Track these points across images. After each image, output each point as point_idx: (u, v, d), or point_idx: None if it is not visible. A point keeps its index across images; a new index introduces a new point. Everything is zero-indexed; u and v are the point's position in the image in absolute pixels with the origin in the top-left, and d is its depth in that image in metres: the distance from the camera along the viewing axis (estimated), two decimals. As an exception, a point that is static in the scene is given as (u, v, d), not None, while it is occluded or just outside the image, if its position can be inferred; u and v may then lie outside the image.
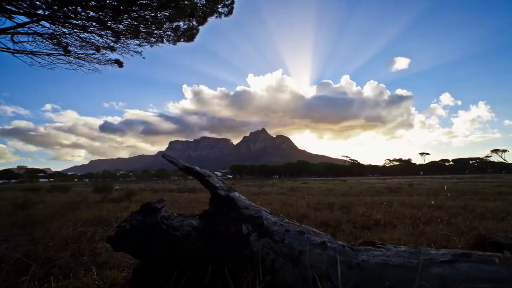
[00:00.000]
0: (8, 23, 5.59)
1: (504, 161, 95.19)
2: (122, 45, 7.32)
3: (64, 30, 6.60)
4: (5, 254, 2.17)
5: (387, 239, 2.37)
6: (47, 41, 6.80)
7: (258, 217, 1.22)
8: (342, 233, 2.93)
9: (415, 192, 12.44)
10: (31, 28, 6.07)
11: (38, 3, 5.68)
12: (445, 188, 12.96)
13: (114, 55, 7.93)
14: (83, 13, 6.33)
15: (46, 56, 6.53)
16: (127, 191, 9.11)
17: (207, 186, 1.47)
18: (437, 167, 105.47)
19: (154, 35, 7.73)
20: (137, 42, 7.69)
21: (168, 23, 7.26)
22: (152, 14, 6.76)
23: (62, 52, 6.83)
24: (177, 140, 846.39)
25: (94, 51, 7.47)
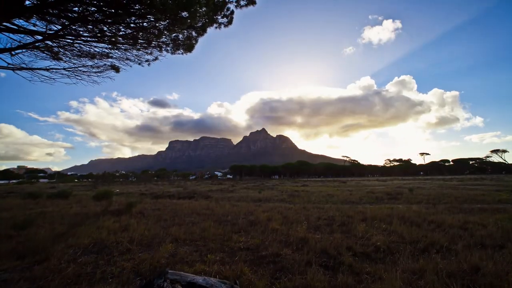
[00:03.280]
0: (12, 43, 5.62)
1: (504, 162, 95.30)
2: (120, 58, 7.33)
3: (62, 44, 6.62)
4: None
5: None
6: (45, 53, 6.82)
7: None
8: (341, 267, 2.95)
9: (415, 199, 12.47)
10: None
11: (41, 19, 5.69)
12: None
13: (108, 61, 7.91)
14: (83, 27, 6.34)
15: (46, 71, 6.54)
16: (127, 202, 9.13)
17: (209, 296, 1.51)
18: (437, 168, 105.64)
19: (153, 45, 7.74)
20: (135, 53, 7.69)
21: (166, 34, 7.26)
22: (151, 25, 6.76)
23: (61, 66, 6.83)
24: (177, 140, 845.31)
25: (93, 63, 7.48)
